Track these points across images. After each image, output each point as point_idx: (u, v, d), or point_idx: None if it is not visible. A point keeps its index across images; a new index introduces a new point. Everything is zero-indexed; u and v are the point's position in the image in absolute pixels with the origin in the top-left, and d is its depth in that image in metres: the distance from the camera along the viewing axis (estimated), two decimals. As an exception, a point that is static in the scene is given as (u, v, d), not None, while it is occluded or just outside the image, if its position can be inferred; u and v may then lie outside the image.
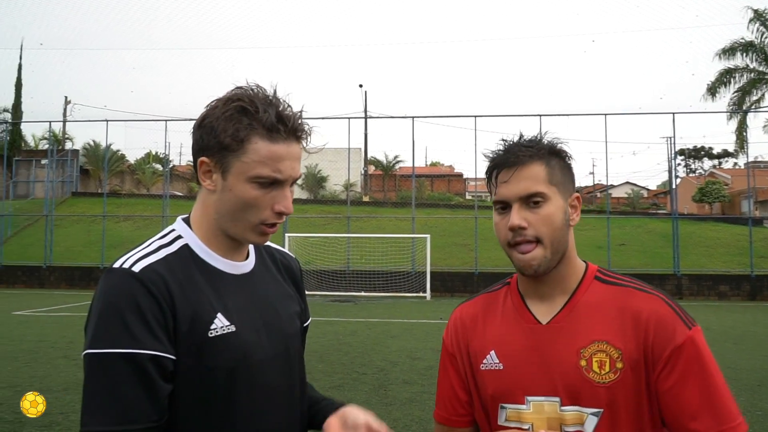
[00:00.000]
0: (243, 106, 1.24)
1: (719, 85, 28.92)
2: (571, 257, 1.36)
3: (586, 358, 1.25)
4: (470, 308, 1.48)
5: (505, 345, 1.35)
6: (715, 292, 21.64)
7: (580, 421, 1.24)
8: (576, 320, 1.30)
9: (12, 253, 26.14)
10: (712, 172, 57.31)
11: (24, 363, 8.55)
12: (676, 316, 1.27)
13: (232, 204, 1.28)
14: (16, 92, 41.39)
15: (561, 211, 1.31)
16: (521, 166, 1.29)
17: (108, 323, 1.17)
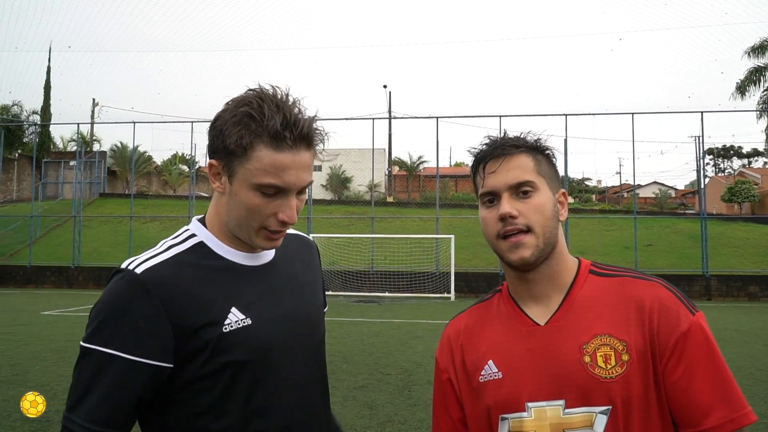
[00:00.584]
0: (250, 111, 1.20)
1: (749, 84, 28.42)
2: (562, 253, 1.31)
3: (589, 353, 1.20)
4: (463, 321, 1.42)
5: (503, 353, 1.28)
6: (744, 293, 21.24)
7: (588, 423, 1.17)
8: (575, 317, 1.25)
9: (41, 254, 26.60)
10: (741, 172, 56.28)
11: (53, 362, 8.66)
12: (679, 302, 1.22)
13: (237, 209, 1.27)
14: (45, 95, 42.15)
15: (551, 202, 1.28)
16: (509, 156, 1.27)
17: (102, 322, 1.20)
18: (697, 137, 23.75)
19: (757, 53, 28.19)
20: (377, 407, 6.35)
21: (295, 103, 1.25)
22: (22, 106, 41.87)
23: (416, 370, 8.32)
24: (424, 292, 21.86)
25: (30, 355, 9.24)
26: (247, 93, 1.25)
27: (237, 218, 1.28)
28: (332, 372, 8.20)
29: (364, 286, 22.50)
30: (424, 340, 11.13)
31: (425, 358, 9.15)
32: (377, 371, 8.21)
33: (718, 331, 12.61)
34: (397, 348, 10.14)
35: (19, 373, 7.89)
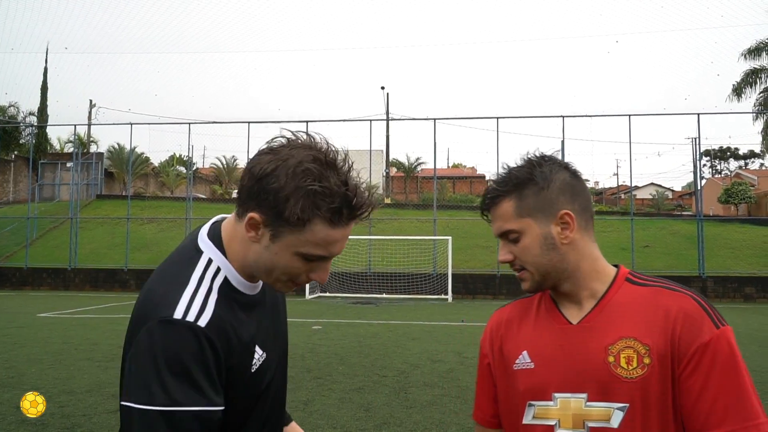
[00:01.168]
0: (316, 188, 1.17)
1: (745, 86, 28.50)
2: (582, 268, 1.38)
3: (614, 354, 1.28)
4: (506, 313, 1.55)
5: (536, 345, 1.40)
6: (741, 294, 21.30)
7: (606, 417, 1.27)
8: (606, 319, 1.34)
9: (37, 255, 26.55)
10: (737, 173, 56.36)
11: (48, 365, 8.64)
12: (704, 314, 1.28)
13: (272, 264, 1.26)
14: (41, 96, 42.08)
15: (538, 239, 1.36)
16: (493, 208, 1.41)
17: (179, 380, 1.13)
18: (694, 139, 23.82)
19: (753, 55, 28.27)
20: (373, 409, 6.35)
21: (354, 177, 1.24)
22: (18, 108, 41.76)
23: (413, 371, 8.31)
24: (422, 293, 21.88)
25: (26, 357, 9.22)
26: (305, 154, 1.20)
27: (267, 269, 1.28)
28: (329, 374, 8.22)
29: (362, 288, 22.51)
30: (421, 341, 11.12)
31: (422, 360, 9.15)
32: (374, 373, 8.20)
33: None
34: (394, 350, 10.13)
35: (14, 376, 7.87)
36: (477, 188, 51.16)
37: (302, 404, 6.52)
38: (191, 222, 26.28)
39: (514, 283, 22.30)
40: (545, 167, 1.38)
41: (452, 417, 6.09)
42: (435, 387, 7.38)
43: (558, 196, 1.37)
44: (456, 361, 9.17)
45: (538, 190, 1.37)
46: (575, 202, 1.38)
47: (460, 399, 6.79)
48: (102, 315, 15.31)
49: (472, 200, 39.47)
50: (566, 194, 1.38)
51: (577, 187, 1.40)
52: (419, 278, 22.48)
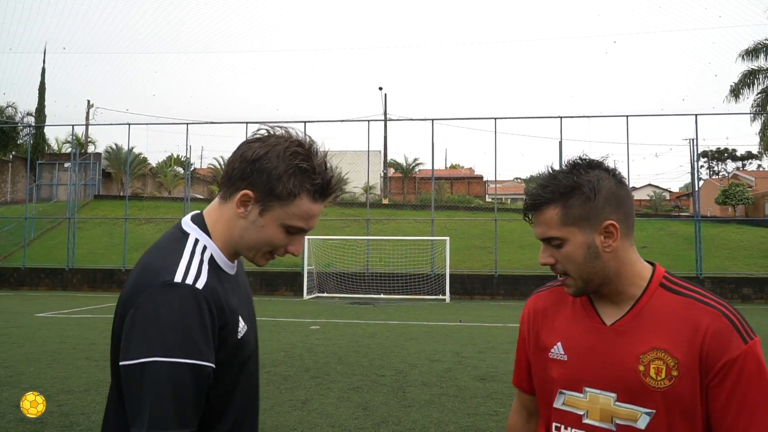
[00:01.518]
0: (304, 166, 1.38)
1: (743, 87, 28.51)
2: (622, 274, 1.43)
3: (644, 363, 1.35)
4: (542, 300, 1.62)
5: (571, 340, 1.48)
6: (738, 294, 21.33)
7: (633, 418, 1.35)
8: (639, 326, 1.40)
9: (35, 256, 26.51)
10: (735, 174, 56.47)
11: (46, 364, 8.64)
12: (733, 330, 1.32)
13: (258, 237, 1.43)
14: (39, 96, 42.00)
15: (582, 248, 1.40)
16: (537, 212, 1.43)
17: (179, 335, 1.24)
18: (692, 140, 23.86)
19: (750, 56, 28.29)
20: (372, 408, 6.36)
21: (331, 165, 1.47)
22: (16, 108, 41.60)
23: (411, 371, 8.33)
24: (420, 294, 21.88)
25: (24, 356, 9.21)
26: (291, 140, 1.41)
27: (252, 242, 1.44)
28: (327, 373, 8.23)
29: (360, 288, 22.51)
30: (419, 341, 11.14)
31: (420, 360, 9.16)
32: (372, 372, 8.22)
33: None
34: (392, 349, 10.14)
35: (12, 375, 7.87)
36: (475, 189, 51.17)
37: (300, 403, 6.53)
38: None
39: (512, 283, 22.35)
40: (592, 175, 1.40)
41: (450, 416, 6.10)
42: (433, 386, 7.39)
43: (604, 206, 1.40)
44: (454, 360, 9.18)
45: (585, 200, 1.39)
46: (620, 211, 1.41)
47: (458, 398, 6.81)
48: (100, 315, 15.29)
49: (469, 201, 39.51)
50: (612, 204, 1.40)
51: (623, 195, 1.43)
52: (417, 279, 22.48)
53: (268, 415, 6.06)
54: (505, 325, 13.83)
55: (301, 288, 22.00)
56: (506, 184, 60.03)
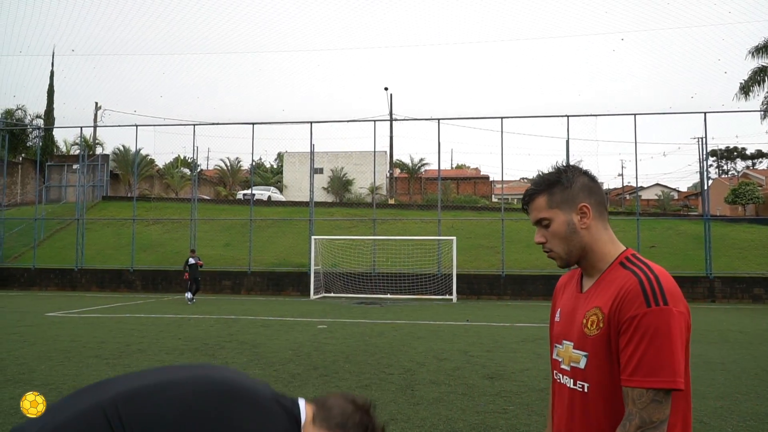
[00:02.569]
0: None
1: (752, 84, 28.31)
2: (595, 249, 1.85)
3: (587, 318, 1.78)
4: (563, 280, 2.07)
5: (564, 306, 1.95)
6: (749, 294, 21.21)
7: (578, 361, 1.79)
8: (595, 292, 1.82)
9: (45, 256, 26.67)
10: (745, 173, 56.16)
11: (57, 362, 8.70)
12: (641, 293, 1.67)
13: None
14: (48, 99, 42.27)
15: (564, 225, 1.84)
16: (531, 203, 1.91)
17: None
18: (700, 138, 23.74)
19: (761, 53, 28.08)
20: (380, 405, 6.36)
21: None
22: (25, 110, 41.92)
23: (419, 369, 8.33)
24: (426, 293, 21.88)
25: (36, 354, 9.28)
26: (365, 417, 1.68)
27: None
28: (335, 371, 8.24)
29: (366, 288, 22.53)
30: (427, 340, 11.14)
31: (427, 358, 9.17)
32: (380, 371, 8.23)
33: (722, 332, 12.61)
34: (400, 348, 10.15)
35: (25, 372, 7.93)
36: (481, 189, 51.11)
37: (309, 401, 6.54)
38: (196, 223, 26.35)
39: (518, 283, 22.31)
40: (569, 173, 1.88)
41: (459, 413, 6.10)
42: (441, 384, 7.40)
43: (578, 193, 1.85)
44: (462, 359, 9.18)
45: (563, 188, 1.86)
46: (591, 198, 1.86)
47: (467, 396, 6.81)
48: (109, 314, 15.37)
49: (476, 201, 39.47)
50: (585, 192, 1.86)
51: (594, 187, 1.88)
52: (424, 279, 22.48)
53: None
54: (512, 325, 13.82)
55: (308, 288, 22.03)
56: (513, 184, 59.83)
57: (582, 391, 1.76)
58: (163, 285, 24.29)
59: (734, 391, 7.20)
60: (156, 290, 24.12)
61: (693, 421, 1.75)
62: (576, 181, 1.86)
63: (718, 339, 11.52)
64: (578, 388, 1.77)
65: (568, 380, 1.82)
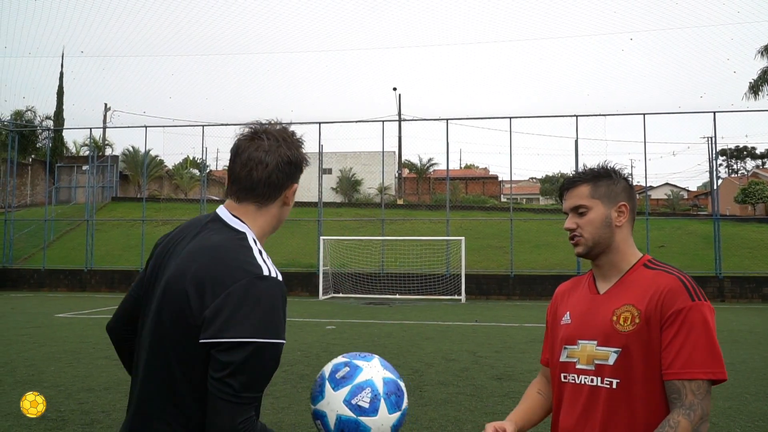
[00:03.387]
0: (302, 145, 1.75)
1: (762, 83, 28.18)
2: (620, 249, 1.91)
3: (617, 315, 1.80)
4: (564, 286, 2.11)
5: (575, 308, 1.96)
6: (759, 294, 21.06)
7: (606, 357, 1.80)
8: (619, 291, 1.86)
9: (54, 257, 26.82)
10: (755, 173, 55.76)
11: (67, 363, 8.74)
12: (684, 289, 1.74)
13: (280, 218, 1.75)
14: (57, 100, 42.48)
15: (601, 216, 1.89)
16: (572, 188, 1.95)
17: (274, 319, 1.51)
18: (710, 138, 23.59)
19: (769, 53, 27.95)
20: (388, 407, 6.36)
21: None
22: (35, 112, 42.13)
23: (427, 370, 8.33)
24: (435, 294, 21.85)
25: (45, 356, 9.33)
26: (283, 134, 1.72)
27: (279, 224, 1.77)
28: (343, 372, 8.23)
29: (375, 289, 22.52)
30: (435, 341, 11.13)
31: (436, 359, 9.16)
32: (388, 372, 8.21)
33: (732, 332, 12.53)
34: (408, 349, 10.15)
35: (34, 374, 7.98)
36: (490, 189, 51.03)
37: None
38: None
39: (527, 283, 22.25)
40: (617, 173, 1.95)
41: (467, 414, 6.10)
42: (450, 385, 7.39)
43: (621, 192, 1.92)
44: (470, 360, 9.17)
45: (610, 183, 1.92)
46: (630, 201, 1.93)
47: (475, 397, 6.80)
48: (118, 315, 15.42)
49: (485, 201, 39.40)
50: (627, 193, 1.93)
51: (633, 194, 1.96)
52: (432, 279, 22.45)
53: (285, 413, 6.10)
54: (521, 326, 13.79)
55: (317, 288, 22.05)
56: (521, 184, 59.74)
57: (609, 388, 1.78)
58: (172, 285, 24.30)
59: (743, 391, 7.16)
60: (165, 291, 24.20)
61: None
62: (621, 181, 1.94)
63: (727, 339, 11.45)
64: (605, 386, 1.79)
65: (589, 379, 1.83)
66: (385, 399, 1.71)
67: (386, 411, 1.70)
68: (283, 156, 1.66)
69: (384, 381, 1.74)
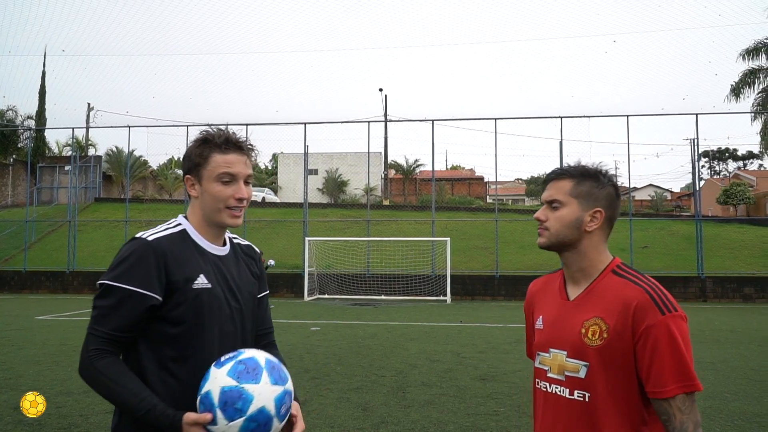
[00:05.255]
0: (202, 137, 1.96)
1: (743, 86, 28.49)
2: (588, 255, 1.87)
3: (586, 327, 1.79)
4: (537, 285, 2.10)
5: (547, 314, 1.94)
6: (740, 294, 21.28)
7: (576, 370, 1.79)
8: (588, 300, 1.84)
9: (36, 259, 26.52)
10: (736, 174, 56.39)
11: (46, 366, 8.63)
12: (653, 304, 1.71)
13: (210, 201, 1.95)
14: (39, 99, 42.06)
15: (572, 216, 1.85)
16: (555, 180, 1.91)
17: (119, 267, 1.84)
18: (692, 140, 23.79)
19: (751, 55, 28.27)
20: (371, 408, 6.34)
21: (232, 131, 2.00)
22: (16, 111, 41.68)
23: (411, 371, 8.31)
24: (420, 294, 21.85)
25: (24, 359, 9.21)
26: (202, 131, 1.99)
27: (210, 207, 1.95)
28: (326, 374, 8.21)
29: (360, 289, 22.49)
30: (419, 342, 11.12)
31: (420, 360, 9.14)
32: (372, 373, 8.19)
33: (713, 332, 12.63)
34: (392, 350, 10.12)
35: (12, 377, 7.86)
36: (476, 190, 51.14)
37: (300, 404, 6.50)
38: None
39: (512, 284, 22.31)
40: (607, 177, 1.90)
41: (450, 416, 6.08)
42: (433, 386, 7.37)
43: (602, 198, 1.87)
44: (454, 361, 9.16)
45: (594, 185, 1.87)
46: (609, 209, 1.88)
47: (458, 398, 6.79)
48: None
49: (470, 202, 39.50)
50: (607, 201, 1.88)
51: (616, 203, 1.90)
52: (418, 280, 22.46)
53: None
54: (506, 326, 13.81)
55: (302, 289, 21.98)
56: (507, 185, 60.02)
57: (583, 401, 1.78)
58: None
59: (723, 390, 7.20)
60: (148, 292, 24.00)
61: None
62: (607, 187, 1.88)
63: (709, 338, 11.54)
64: (578, 398, 1.79)
65: (561, 389, 1.83)
66: (268, 371, 1.75)
67: (269, 381, 1.73)
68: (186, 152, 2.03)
69: (267, 359, 1.80)
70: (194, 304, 1.88)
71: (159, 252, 1.85)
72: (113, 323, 1.80)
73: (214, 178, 1.91)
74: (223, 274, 1.99)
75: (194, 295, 1.88)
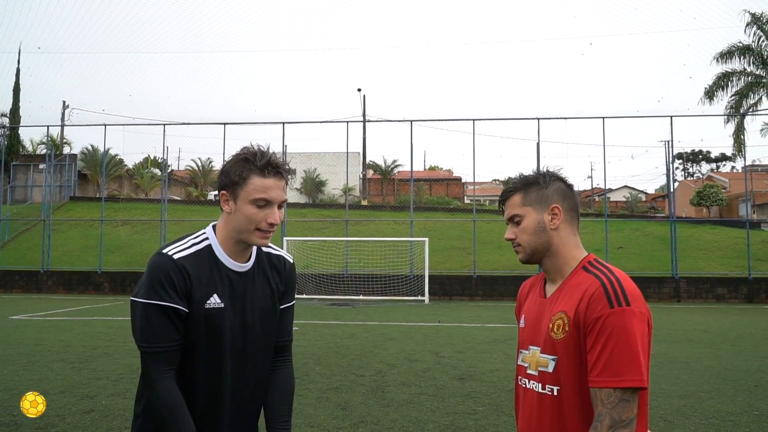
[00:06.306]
0: (244, 157, 1.94)
1: (717, 89, 28.92)
2: (560, 252, 1.93)
3: (553, 322, 1.84)
4: (526, 286, 2.16)
5: (528, 312, 2.02)
6: (713, 294, 21.65)
7: (546, 365, 1.84)
8: (560, 297, 1.88)
9: (9, 258, 26.11)
10: (710, 176, 57.31)
11: (21, 366, 8.52)
12: (603, 296, 1.74)
13: (240, 219, 1.95)
14: (14, 97, 41.33)
15: (534, 222, 1.92)
16: (506, 200, 2.00)
17: (148, 284, 1.90)
18: (667, 142, 24.18)
19: (725, 59, 28.71)
20: (350, 408, 6.36)
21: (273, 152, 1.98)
22: (-10, 108, 40.99)
23: (390, 371, 8.34)
24: (399, 294, 21.90)
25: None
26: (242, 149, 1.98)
27: (239, 226, 1.97)
28: (305, 374, 8.21)
29: (339, 290, 22.48)
30: (398, 341, 11.16)
31: (399, 360, 9.18)
32: (351, 372, 8.22)
33: (686, 331, 12.84)
34: (371, 350, 10.15)
35: (-14, 378, 7.75)
36: (453, 190, 51.32)
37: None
38: (166, 224, 26.03)
39: (490, 284, 22.47)
40: (546, 176, 1.97)
41: (429, 415, 6.13)
42: (412, 386, 7.41)
43: (552, 195, 1.93)
44: (433, 360, 9.21)
45: (539, 188, 1.94)
46: (564, 202, 1.94)
47: (437, 397, 6.84)
48: (75, 317, 15.11)
49: (448, 202, 39.61)
50: (559, 195, 1.94)
51: (568, 193, 1.96)
52: (396, 280, 22.52)
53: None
54: (483, 326, 13.91)
55: (280, 289, 21.86)
56: (485, 186, 60.27)
57: (552, 395, 1.81)
58: (132, 287, 23.89)
59: (697, 389, 7.34)
60: (124, 292, 23.76)
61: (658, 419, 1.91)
62: (552, 184, 1.94)
63: (682, 338, 11.73)
64: (547, 392, 1.82)
65: (536, 385, 1.87)
66: None
67: None
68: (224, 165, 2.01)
69: None
70: (206, 323, 1.96)
71: (184, 272, 1.91)
72: (137, 335, 1.91)
73: (249, 201, 1.92)
74: (236, 291, 2.03)
75: (206, 315, 1.95)
